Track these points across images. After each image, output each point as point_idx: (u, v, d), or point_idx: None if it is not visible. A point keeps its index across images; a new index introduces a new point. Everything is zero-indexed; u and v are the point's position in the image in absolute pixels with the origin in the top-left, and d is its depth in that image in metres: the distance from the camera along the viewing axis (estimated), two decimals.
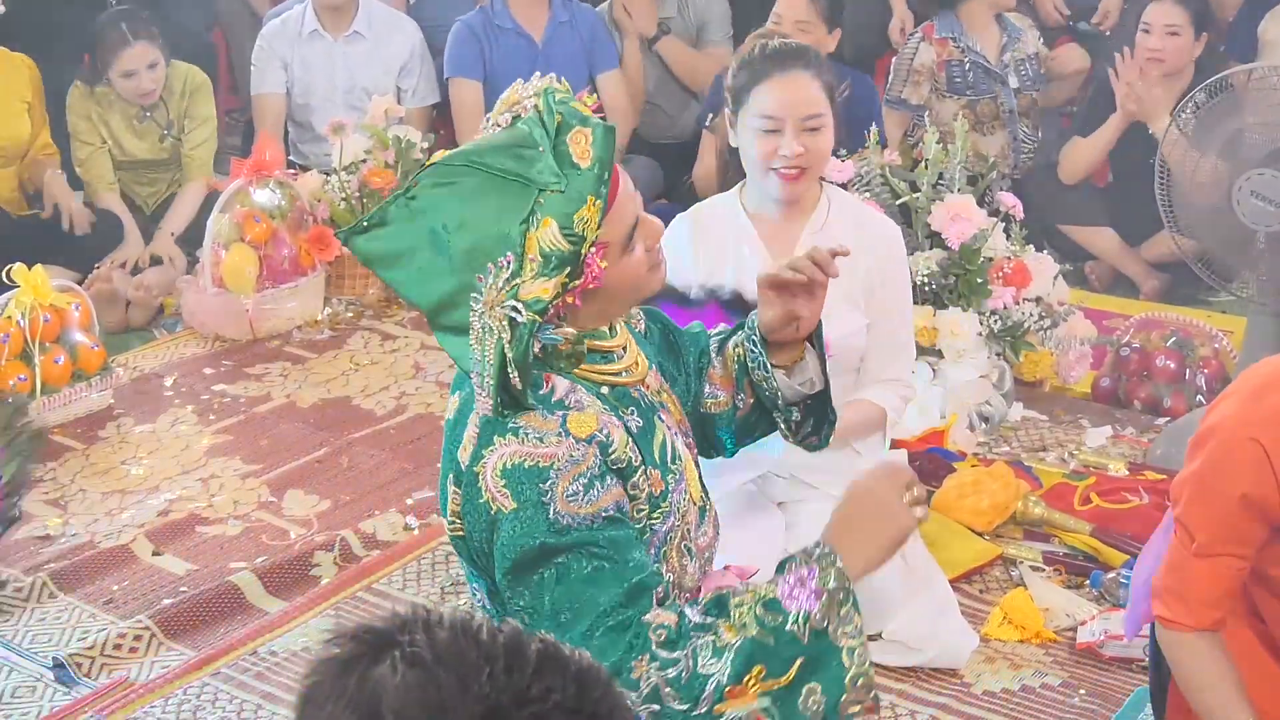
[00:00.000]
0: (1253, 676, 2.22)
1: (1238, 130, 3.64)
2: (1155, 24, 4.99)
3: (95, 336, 4.40)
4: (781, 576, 1.83)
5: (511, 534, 1.81)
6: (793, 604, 1.79)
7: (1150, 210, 3.96)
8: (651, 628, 1.79)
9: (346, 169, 5.11)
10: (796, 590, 1.80)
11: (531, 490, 1.80)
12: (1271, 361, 2.19)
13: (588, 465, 1.83)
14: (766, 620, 1.78)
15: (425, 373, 4.60)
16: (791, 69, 3.08)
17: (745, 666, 1.76)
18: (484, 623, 1.21)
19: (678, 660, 1.77)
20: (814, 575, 1.81)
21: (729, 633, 1.78)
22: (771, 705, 1.78)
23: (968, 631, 3.16)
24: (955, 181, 4.14)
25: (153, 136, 5.34)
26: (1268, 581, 2.23)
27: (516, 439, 1.82)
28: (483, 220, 1.82)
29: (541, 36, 5.45)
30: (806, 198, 3.19)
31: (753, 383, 2.19)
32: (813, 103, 3.06)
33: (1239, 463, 2.10)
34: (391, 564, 3.56)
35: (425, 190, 1.86)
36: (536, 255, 1.80)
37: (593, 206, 1.81)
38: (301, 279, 4.92)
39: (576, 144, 1.83)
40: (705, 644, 1.77)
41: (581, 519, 1.81)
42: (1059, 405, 4.28)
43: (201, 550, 3.65)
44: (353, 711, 1.15)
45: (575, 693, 1.17)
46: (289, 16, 5.66)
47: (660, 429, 1.98)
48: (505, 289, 1.79)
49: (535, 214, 1.80)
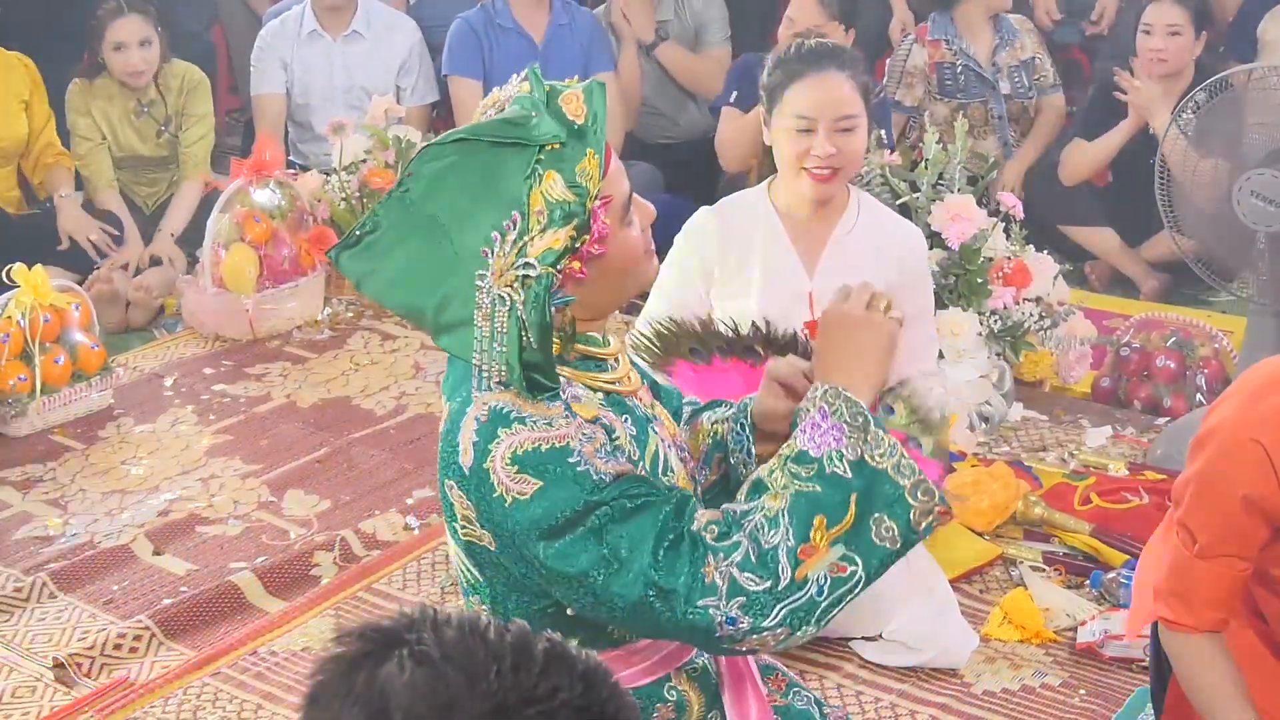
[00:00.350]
0: (1254, 676, 2.22)
1: (1238, 130, 3.64)
2: (1157, 24, 5.00)
3: (95, 336, 4.40)
4: (797, 430, 1.84)
5: (543, 507, 1.76)
6: (819, 448, 1.80)
7: (1150, 210, 3.96)
8: (703, 528, 1.79)
9: (346, 169, 5.11)
10: (815, 435, 1.81)
11: (557, 466, 1.77)
12: (1271, 362, 2.19)
13: (600, 442, 1.82)
14: (802, 473, 1.79)
15: (425, 373, 4.60)
16: (826, 69, 3.08)
17: (805, 521, 1.77)
18: (491, 622, 1.20)
19: (739, 544, 1.77)
20: (825, 415, 1.82)
21: (773, 500, 1.79)
22: (847, 549, 1.79)
23: (968, 631, 3.16)
24: (955, 181, 4.15)
25: (150, 132, 5.34)
26: (1269, 582, 2.23)
27: (524, 426, 1.79)
28: (483, 186, 1.79)
29: (542, 38, 5.45)
30: (836, 199, 3.20)
31: (726, 460, 2.14)
32: (846, 103, 3.07)
33: (1240, 464, 2.09)
34: (391, 564, 3.56)
35: (419, 175, 1.83)
36: (543, 208, 1.77)
37: (592, 159, 1.80)
38: (301, 279, 4.92)
39: (569, 104, 1.82)
40: (758, 521, 1.78)
41: (615, 475, 1.79)
42: (1059, 405, 4.28)
43: (201, 550, 3.65)
44: (360, 709, 1.15)
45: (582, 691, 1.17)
46: (288, 16, 5.67)
47: (654, 439, 1.96)
48: (513, 251, 1.76)
49: (537, 170, 1.78)
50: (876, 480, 1.80)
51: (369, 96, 5.37)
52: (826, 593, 1.77)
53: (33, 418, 4.20)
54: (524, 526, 1.78)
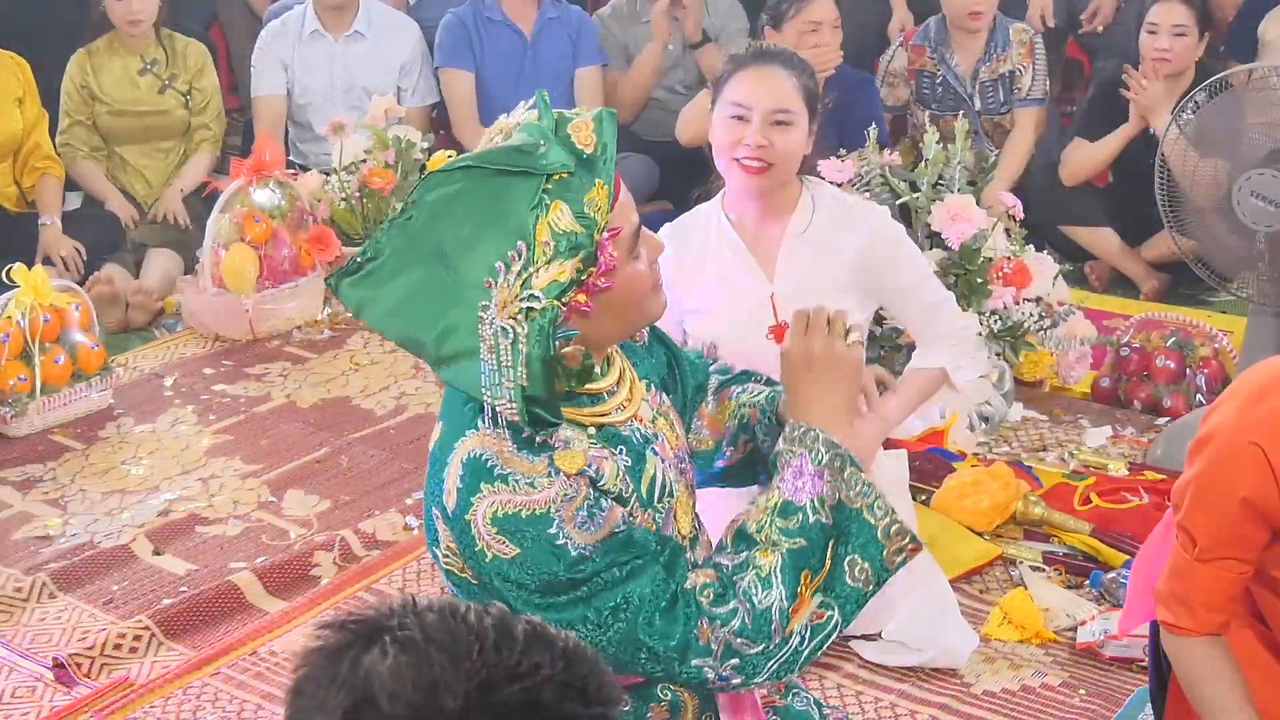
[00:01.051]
0: (1254, 678, 2.22)
1: (1238, 130, 3.64)
2: (1163, 24, 4.99)
3: (95, 336, 4.40)
4: (778, 476, 1.85)
5: (526, 574, 1.75)
6: (804, 497, 1.81)
7: (1150, 210, 3.96)
8: (698, 591, 1.79)
9: (346, 169, 5.12)
10: (799, 482, 1.82)
11: (537, 533, 1.75)
12: (1270, 364, 2.19)
13: (583, 497, 1.78)
14: (789, 526, 1.80)
15: (425, 373, 4.60)
16: (770, 65, 3.08)
17: (795, 579, 1.78)
18: (471, 606, 1.21)
19: (735, 611, 1.78)
20: (805, 460, 1.83)
21: (765, 557, 1.80)
22: (825, 596, 1.80)
23: (968, 631, 3.16)
24: (955, 181, 4.14)
25: (154, 89, 5.36)
26: (1270, 583, 2.23)
27: (506, 486, 1.76)
28: (489, 215, 1.74)
29: (531, 31, 5.49)
30: (783, 197, 3.16)
31: (753, 442, 2.14)
32: (783, 98, 3.05)
33: (1239, 467, 2.09)
34: (391, 564, 3.56)
35: (424, 203, 1.78)
36: (549, 239, 1.73)
37: (601, 190, 1.77)
38: (301, 279, 4.92)
39: (578, 132, 1.79)
40: (751, 581, 1.79)
41: (597, 546, 1.77)
42: (1059, 405, 4.28)
43: (201, 550, 3.65)
44: (345, 694, 1.16)
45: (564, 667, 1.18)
46: (289, 17, 5.67)
47: (652, 463, 1.92)
48: (518, 283, 1.73)
49: (544, 200, 1.74)
50: (851, 521, 1.82)
51: (369, 97, 5.38)
52: (808, 640, 1.81)
53: (33, 418, 4.20)
54: (508, 583, 1.77)
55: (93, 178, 5.38)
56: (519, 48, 5.48)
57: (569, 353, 1.81)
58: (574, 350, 1.81)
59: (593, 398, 1.91)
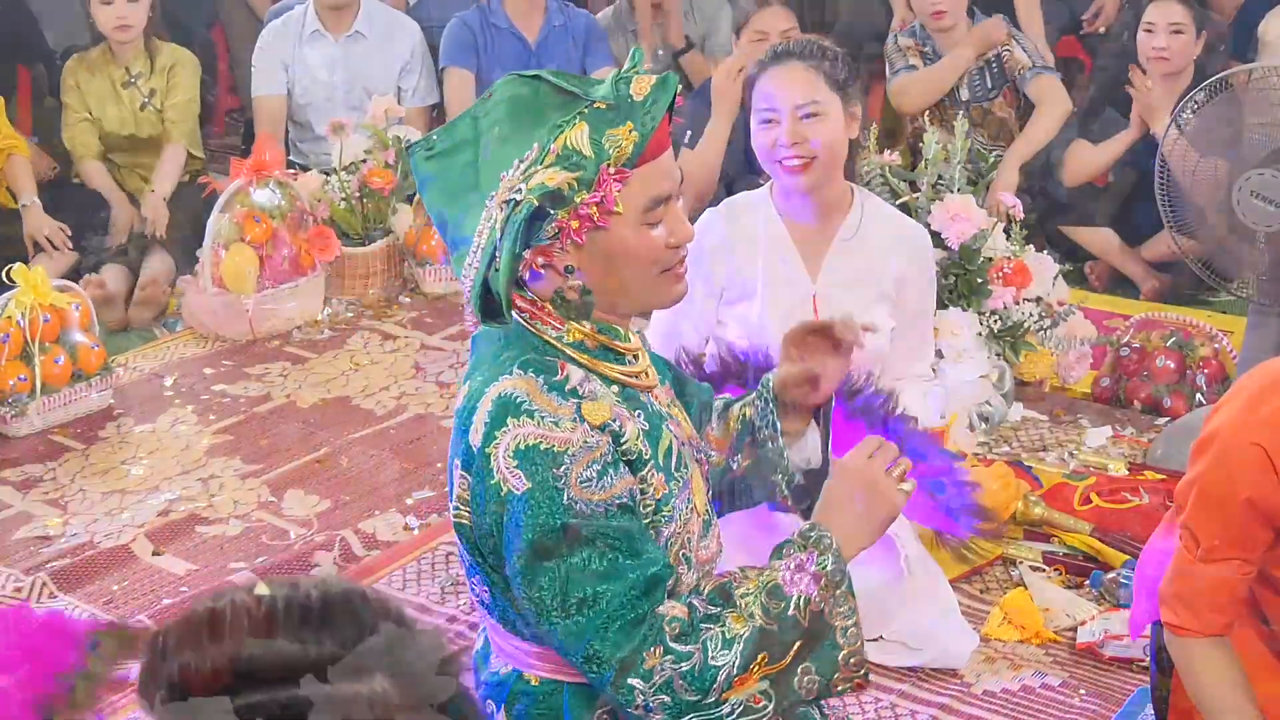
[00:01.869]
0: (1255, 677, 2.22)
1: (1238, 130, 3.64)
2: (1160, 23, 4.99)
3: (95, 336, 4.40)
4: (781, 561, 1.89)
5: (526, 516, 1.80)
6: (794, 589, 1.85)
7: (1150, 210, 3.96)
8: (665, 620, 1.82)
9: (346, 169, 5.12)
10: (796, 575, 1.86)
11: (545, 473, 1.80)
12: (1272, 364, 2.19)
13: (601, 452, 1.83)
14: (771, 608, 1.84)
15: (425, 373, 4.60)
16: (787, 61, 3.10)
17: (753, 655, 1.82)
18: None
19: (691, 654, 1.81)
20: (812, 560, 1.87)
21: (737, 623, 1.83)
22: (770, 686, 1.84)
23: (968, 632, 3.16)
24: (955, 181, 4.15)
25: (134, 106, 5.35)
26: (1271, 582, 2.23)
27: (532, 420, 1.81)
28: (527, 119, 1.84)
29: (535, 38, 5.48)
30: (835, 200, 3.20)
31: (755, 442, 2.18)
32: (806, 90, 3.07)
33: (1242, 467, 2.09)
34: (391, 564, 3.56)
35: (495, 97, 1.89)
36: (559, 150, 1.82)
37: (629, 133, 1.83)
38: (301, 279, 4.92)
39: (638, 82, 1.87)
40: (715, 635, 1.82)
41: (595, 505, 1.81)
42: (1059, 405, 4.28)
43: (201, 550, 3.65)
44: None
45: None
46: (290, 17, 5.67)
47: (668, 435, 1.97)
48: (518, 177, 1.82)
49: (574, 120, 1.83)
50: (823, 635, 1.85)
51: (369, 97, 5.38)
52: (736, 716, 1.83)
53: (33, 418, 4.20)
54: (510, 521, 1.82)
55: (99, 178, 5.36)
56: (523, 55, 5.43)
57: (570, 285, 1.88)
58: (574, 284, 1.88)
59: (617, 356, 1.95)
